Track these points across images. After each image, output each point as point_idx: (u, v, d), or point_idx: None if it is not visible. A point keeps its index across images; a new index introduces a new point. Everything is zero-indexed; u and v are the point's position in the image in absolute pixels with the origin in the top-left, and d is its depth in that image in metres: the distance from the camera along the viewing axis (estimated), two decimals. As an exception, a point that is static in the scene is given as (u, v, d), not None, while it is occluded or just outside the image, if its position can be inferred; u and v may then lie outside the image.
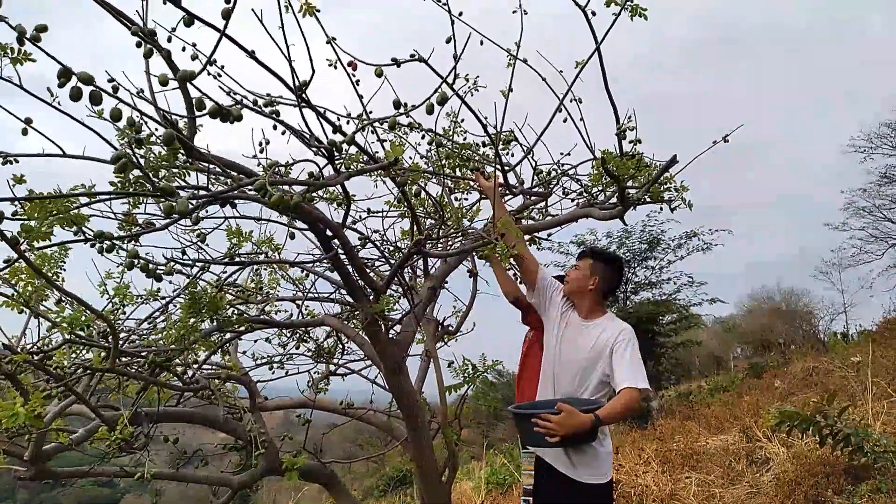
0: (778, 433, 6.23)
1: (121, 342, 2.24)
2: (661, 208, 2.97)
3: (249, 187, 1.92)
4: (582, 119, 2.70)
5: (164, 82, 1.45)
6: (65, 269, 2.39)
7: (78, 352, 2.34)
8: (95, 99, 1.37)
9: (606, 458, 2.84)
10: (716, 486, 5.81)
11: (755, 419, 7.78)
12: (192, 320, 2.27)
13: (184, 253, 2.55)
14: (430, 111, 2.03)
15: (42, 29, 1.37)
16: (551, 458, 2.90)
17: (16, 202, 1.51)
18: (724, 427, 8.50)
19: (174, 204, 1.29)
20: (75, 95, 1.35)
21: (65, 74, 1.32)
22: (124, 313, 2.65)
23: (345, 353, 3.54)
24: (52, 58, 1.35)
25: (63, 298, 2.16)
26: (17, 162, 1.98)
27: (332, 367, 3.45)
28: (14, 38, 1.53)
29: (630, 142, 2.68)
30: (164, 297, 2.65)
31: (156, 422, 2.49)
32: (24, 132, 1.93)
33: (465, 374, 3.24)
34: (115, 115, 1.41)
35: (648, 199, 2.85)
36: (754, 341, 24.90)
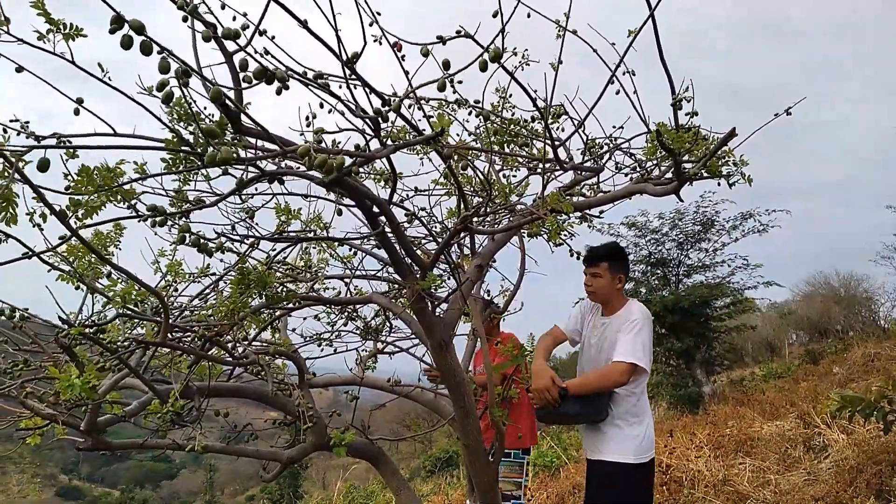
0: (838, 419, 6.01)
1: (172, 317, 2.28)
2: (719, 183, 2.85)
3: (296, 164, 1.91)
4: (635, 91, 2.60)
5: (206, 38, 1.43)
6: (120, 248, 2.44)
7: (131, 326, 2.39)
8: (146, 49, 1.36)
9: (636, 440, 2.86)
10: (771, 472, 5.65)
11: (813, 405, 7.53)
12: (242, 296, 2.29)
13: (233, 229, 2.57)
14: (483, 68, 1.97)
15: None
16: (584, 444, 3.06)
17: (66, 173, 1.52)
18: (780, 413, 8.26)
19: (218, 151, 1.27)
20: (126, 43, 1.34)
21: (116, 21, 1.32)
22: (176, 290, 2.70)
23: (392, 331, 3.54)
24: (106, 2, 1.34)
25: (115, 274, 2.20)
26: (70, 142, 2.02)
27: (379, 345, 3.45)
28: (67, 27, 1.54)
29: (686, 114, 2.57)
30: (214, 274, 2.69)
31: (207, 396, 2.53)
32: (77, 112, 1.96)
33: (513, 354, 3.20)
34: (163, 68, 1.40)
35: (705, 174, 2.73)
36: (810, 327, 24.11)
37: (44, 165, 1.27)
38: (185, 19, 1.67)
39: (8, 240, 1.59)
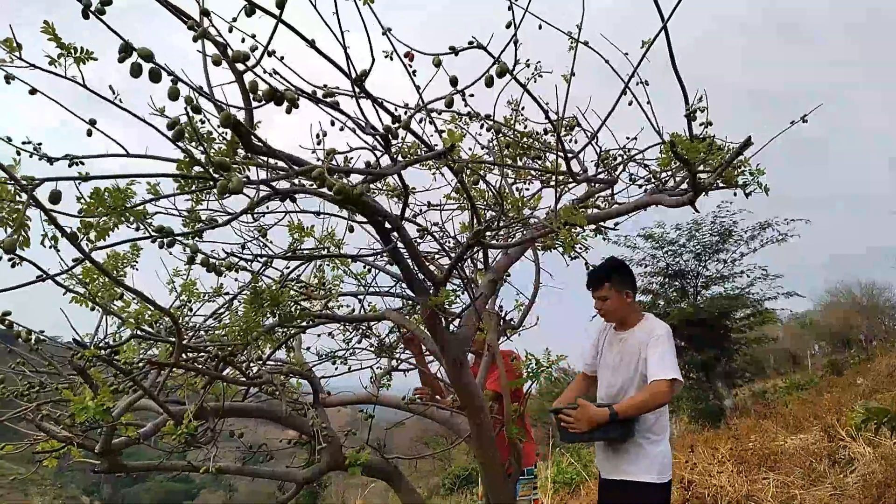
0: (864, 432, 5.88)
1: (186, 338, 2.28)
2: (735, 194, 2.82)
3: (308, 182, 1.91)
4: (649, 102, 2.58)
5: (216, 62, 1.43)
6: (137, 269, 2.45)
7: (146, 347, 2.39)
8: (155, 76, 1.37)
9: (658, 458, 2.80)
10: (795, 487, 5.53)
11: (837, 417, 7.38)
12: (255, 315, 2.28)
13: (243, 248, 2.58)
14: (489, 84, 1.96)
15: (107, 2, 1.37)
16: (600, 463, 2.99)
17: (80, 196, 1.53)
18: (804, 426, 8.11)
19: (229, 182, 1.27)
20: (135, 72, 1.35)
21: (125, 49, 1.32)
22: (191, 310, 2.70)
23: (407, 348, 3.52)
24: (115, 32, 1.35)
25: (129, 295, 2.21)
26: (82, 164, 2.03)
27: (394, 363, 3.43)
28: (78, 51, 1.55)
29: (700, 124, 2.55)
30: (228, 294, 2.69)
31: (221, 417, 2.52)
32: (89, 133, 1.98)
33: (529, 370, 3.17)
34: (173, 94, 1.40)
35: (721, 185, 2.70)
36: (833, 337, 23.76)
37: (55, 197, 1.28)
38: (195, 39, 1.68)
39: (23, 263, 1.60)
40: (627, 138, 3.07)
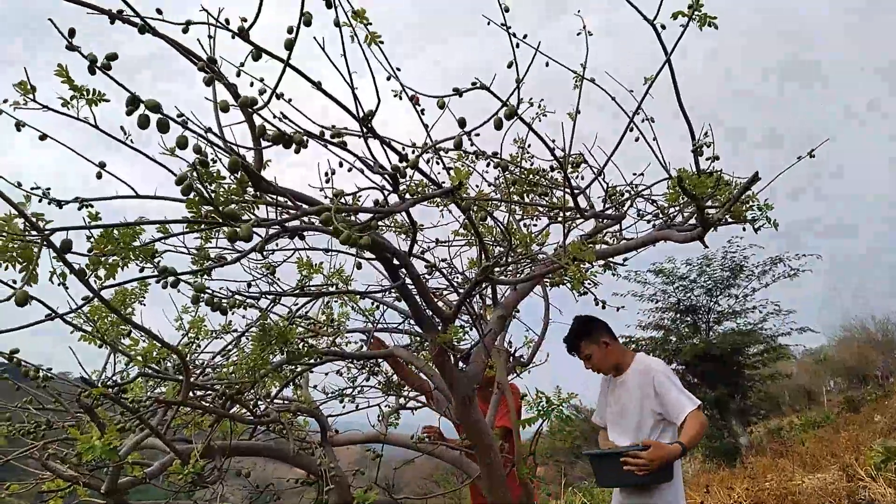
0: (883, 472, 5.74)
1: (193, 375, 2.27)
2: (745, 229, 2.81)
3: (317, 219, 1.92)
4: (655, 138, 2.59)
5: (224, 108, 1.46)
6: (144, 304, 2.46)
7: (154, 385, 2.38)
8: (163, 127, 1.39)
9: (677, 494, 2.81)
10: (815, 529, 5.38)
11: (856, 457, 7.21)
12: (263, 352, 2.28)
13: (249, 286, 2.58)
14: (498, 126, 1.98)
15: (112, 57, 1.41)
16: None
17: (91, 236, 1.54)
18: (821, 465, 7.92)
19: (238, 230, 1.28)
20: (143, 123, 1.37)
21: (132, 102, 1.35)
22: (199, 346, 2.70)
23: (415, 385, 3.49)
24: (121, 85, 1.38)
25: (136, 332, 2.21)
26: (91, 206, 2.05)
27: (402, 401, 3.40)
28: (90, 93, 1.59)
29: (707, 158, 2.56)
30: (236, 331, 2.69)
31: (228, 455, 2.50)
32: (99, 175, 2.00)
33: (540, 408, 3.13)
34: (181, 143, 1.43)
35: (730, 220, 2.70)
36: (848, 373, 23.39)
37: (66, 246, 1.29)
38: (207, 83, 1.71)
39: (32, 301, 1.61)
40: (634, 174, 3.09)
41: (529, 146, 3.03)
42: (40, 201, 2.20)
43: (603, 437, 3.15)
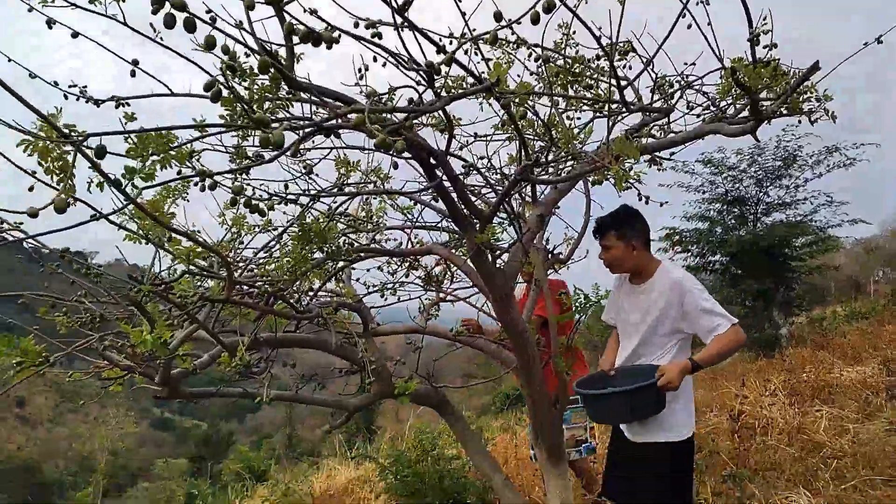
0: (926, 366, 5.71)
1: (237, 272, 2.33)
2: (800, 121, 2.66)
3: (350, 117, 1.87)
4: (710, 23, 2.40)
5: (250, 6, 1.39)
6: (188, 200, 2.48)
7: (200, 281, 2.46)
8: (189, 26, 1.34)
9: (682, 416, 2.71)
10: (849, 421, 5.43)
11: (899, 350, 7.17)
12: (303, 251, 2.31)
13: (286, 186, 2.58)
14: (535, 21, 1.86)
15: None
16: (629, 427, 2.85)
17: (128, 138, 1.53)
18: (862, 358, 7.90)
19: (270, 135, 1.25)
20: (168, 23, 1.33)
21: (158, 1, 1.30)
22: (242, 243, 2.75)
23: (454, 280, 3.53)
24: None
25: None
26: (128, 105, 2.04)
27: (441, 295, 3.45)
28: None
29: (765, 47, 2.38)
30: (277, 228, 2.73)
31: (274, 347, 2.60)
32: (133, 73, 1.98)
33: (577, 304, 3.15)
34: (210, 43, 1.38)
35: (785, 112, 2.54)
36: (899, 263, 22.83)
37: (101, 152, 1.28)
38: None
39: (76, 203, 1.64)
40: (685, 64, 2.90)
41: (574, 33, 2.86)
42: (77, 100, 2.21)
43: (613, 340, 3.04)
